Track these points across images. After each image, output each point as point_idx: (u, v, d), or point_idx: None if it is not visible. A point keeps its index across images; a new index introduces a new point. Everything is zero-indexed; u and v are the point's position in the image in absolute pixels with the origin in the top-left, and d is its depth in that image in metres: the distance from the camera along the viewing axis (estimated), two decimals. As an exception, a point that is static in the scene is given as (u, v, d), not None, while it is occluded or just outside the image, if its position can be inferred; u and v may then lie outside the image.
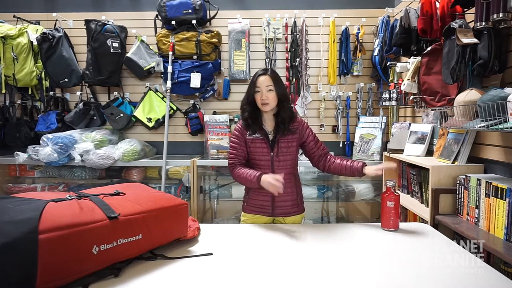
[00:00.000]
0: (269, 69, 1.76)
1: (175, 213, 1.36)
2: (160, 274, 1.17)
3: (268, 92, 1.70)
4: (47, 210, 1.02)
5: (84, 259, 1.06)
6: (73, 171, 3.07)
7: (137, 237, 1.19)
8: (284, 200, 1.77)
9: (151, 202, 1.29)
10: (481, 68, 1.66)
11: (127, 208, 1.20)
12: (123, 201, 1.24)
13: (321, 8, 3.23)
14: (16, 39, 3.00)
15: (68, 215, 1.05)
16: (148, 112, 3.17)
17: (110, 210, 1.15)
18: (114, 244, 1.12)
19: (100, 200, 1.19)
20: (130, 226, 1.18)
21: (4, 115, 3.27)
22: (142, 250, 1.25)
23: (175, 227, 1.37)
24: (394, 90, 2.64)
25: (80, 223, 1.05)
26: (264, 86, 1.70)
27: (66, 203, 1.10)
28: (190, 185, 2.93)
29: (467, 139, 1.95)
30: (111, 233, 1.12)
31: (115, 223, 1.13)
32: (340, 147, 3.31)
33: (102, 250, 1.09)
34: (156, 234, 1.28)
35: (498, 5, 1.48)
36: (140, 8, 3.31)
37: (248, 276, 1.17)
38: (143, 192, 1.39)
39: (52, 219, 1.00)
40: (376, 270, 1.21)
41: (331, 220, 3.26)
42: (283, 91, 1.75)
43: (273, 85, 1.70)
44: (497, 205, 1.56)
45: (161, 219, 1.29)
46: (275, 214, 1.80)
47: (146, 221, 1.23)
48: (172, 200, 1.40)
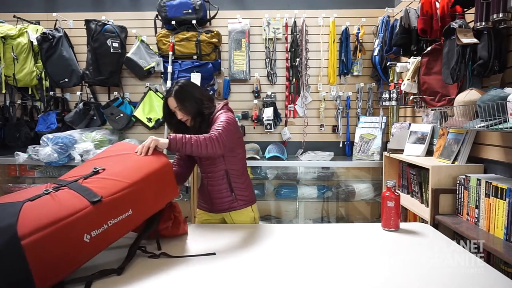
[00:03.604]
0: (174, 89, 1.68)
1: (160, 177, 1.31)
2: (163, 273, 1.17)
3: (179, 111, 1.68)
4: (24, 213, 0.98)
5: (78, 249, 1.05)
6: (73, 171, 3.06)
7: (127, 213, 1.16)
8: (219, 197, 1.78)
9: (134, 173, 1.23)
10: (481, 68, 1.66)
11: (109, 188, 1.15)
12: (104, 181, 1.18)
13: (321, 8, 3.22)
14: (16, 39, 3.00)
15: (48, 211, 1.02)
16: (148, 112, 3.16)
17: (92, 195, 1.10)
18: (105, 227, 1.10)
19: (79, 186, 1.14)
20: (116, 205, 1.14)
21: (4, 115, 3.27)
22: (137, 223, 1.24)
23: (163, 190, 1.33)
24: (394, 90, 2.64)
25: (62, 217, 1.01)
26: (174, 108, 1.69)
27: (43, 200, 1.06)
28: (190, 185, 2.93)
29: (467, 139, 1.95)
30: (98, 217, 1.09)
31: (100, 207, 1.09)
32: (340, 147, 3.31)
33: (94, 236, 1.07)
34: (146, 204, 1.25)
35: (498, 5, 1.48)
36: (140, 8, 3.31)
37: (251, 277, 1.17)
38: (123, 161, 1.32)
39: (30, 221, 0.97)
40: (376, 270, 1.21)
41: (331, 220, 3.26)
42: (191, 108, 1.68)
43: (177, 105, 1.67)
44: (497, 205, 1.56)
45: (147, 188, 1.24)
46: (214, 210, 1.81)
47: (132, 195, 1.18)
48: (154, 162, 1.32)
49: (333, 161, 3.02)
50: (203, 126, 1.69)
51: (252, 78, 3.29)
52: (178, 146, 1.45)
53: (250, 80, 3.29)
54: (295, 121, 3.34)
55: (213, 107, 1.75)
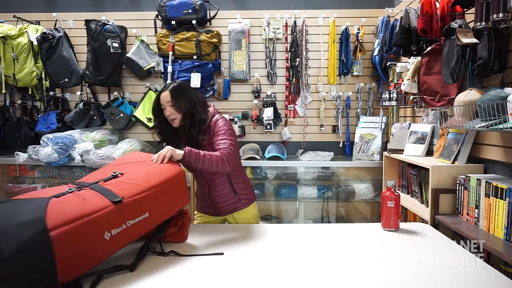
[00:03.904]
0: (171, 85, 1.68)
1: (175, 184, 1.37)
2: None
3: (170, 107, 1.65)
4: (51, 207, 1.03)
5: (99, 246, 1.09)
6: (73, 171, 3.07)
7: (144, 216, 1.22)
8: (223, 201, 1.80)
9: (151, 178, 1.30)
10: (481, 68, 1.66)
11: (128, 191, 1.21)
12: (123, 184, 1.24)
13: (321, 8, 3.23)
14: (16, 39, 3.00)
15: (73, 207, 1.06)
16: (148, 112, 3.16)
17: (113, 195, 1.16)
18: (124, 227, 1.15)
19: (100, 187, 1.20)
20: (135, 206, 1.20)
21: (4, 115, 3.28)
22: (152, 226, 1.30)
23: (177, 197, 1.39)
24: (394, 90, 2.64)
25: (86, 214, 1.06)
26: (165, 103, 1.66)
27: (68, 196, 1.11)
28: (190, 185, 2.93)
29: (467, 139, 1.95)
30: (119, 217, 1.14)
31: (121, 207, 1.15)
32: (340, 147, 3.31)
33: (114, 234, 1.12)
34: (161, 208, 1.31)
35: (498, 5, 1.48)
36: (140, 8, 3.31)
37: (255, 275, 1.18)
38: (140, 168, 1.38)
39: (58, 214, 1.01)
40: (376, 270, 1.21)
41: (331, 220, 3.26)
42: (184, 106, 1.66)
43: (171, 100, 1.64)
44: (497, 205, 1.56)
45: (163, 193, 1.30)
46: (219, 214, 1.84)
47: (149, 198, 1.25)
48: (169, 170, 1.39)
49: (333, 161, 3.02)
50: (192, 130, 1.67)
51: (252, 78, 3.29)
52: (191, 160, 1.48)
53: (250, 80, 3.29)
54: (295, 121, 3.34)
55: (205, 115, 1.70)
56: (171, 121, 1.69)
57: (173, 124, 1.69)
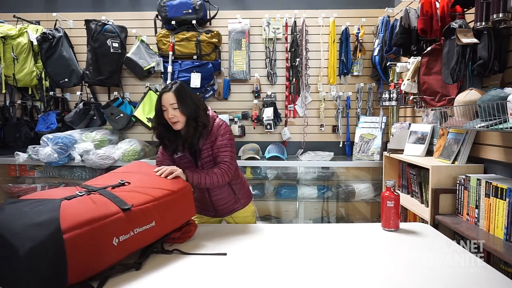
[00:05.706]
0: (174, 86, 1.62)
1: (181, 196, 1.41)
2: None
3: (174, 110, 1.59)
4: (64, 209, 1.05)
5: (107, 251, 1.11)
6: (73, 171, 3.07)
7: (151, 225, 1.25)
8: (223, 204, 1.81)
9: (157, 189, 1.34)
10: (481, 68, 1.66)
11: (137, 199, 1.24)
12: (131, 192, 1.27)
13: (321, 8, 3.22)
14: (16, 39, 3.00)
15: (84, 211, 1.08)
16: (148, 112, 3.16)
17: (122, 202, 1.19)
18: (131, 234, 1.18)
19: (110, 193, 1.22)
20: (143, 215, 1.23)
21: (4, 115, 3.27)
22: (158, 236, 1.32)
23: (183, 209, 1.43)
24: (394, 90, 2.64)
25: (97, 218, 1.08)
26: (168, 105, 1.59)
27: (79, 200, 1.13)
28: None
29: (467, 139, 1.95)
30: (127, 224, 1.16)
31: (129, 214, 1.17)
32: (340, 147, 3.31)
33: (122, 240, 1.14)
34: (168, 219, 1.33)
35: (498, 5, 1.48)
36: (140, 8, 3.31)
37: (256, 274, 1.19)
38: (147, 178, 1.42)
39: (71, 217, 1.03)
40: (376, 270, 1.21)
41: (331, 220, 3.26)
42: (189, 109, 1.60)
43: (176, 102, 1.58)
44: (497, 205, 1.56)
45: (170, 204, 1.34)
46: (218, 215, 1.87)
47: (157, 208, 1.28)
48: (176, 183, 1.45)
49: (333, 161, 3.02)
50: (194, 136, 1.63)
51: (252, 78, 3.29)
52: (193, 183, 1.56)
53: (250, 80, 3.29)
54: (295, 121, 3.34)
55: (207, 121, 1.67)
56: (173, 124, 1.62)
57: (175, 127, 1.63)
